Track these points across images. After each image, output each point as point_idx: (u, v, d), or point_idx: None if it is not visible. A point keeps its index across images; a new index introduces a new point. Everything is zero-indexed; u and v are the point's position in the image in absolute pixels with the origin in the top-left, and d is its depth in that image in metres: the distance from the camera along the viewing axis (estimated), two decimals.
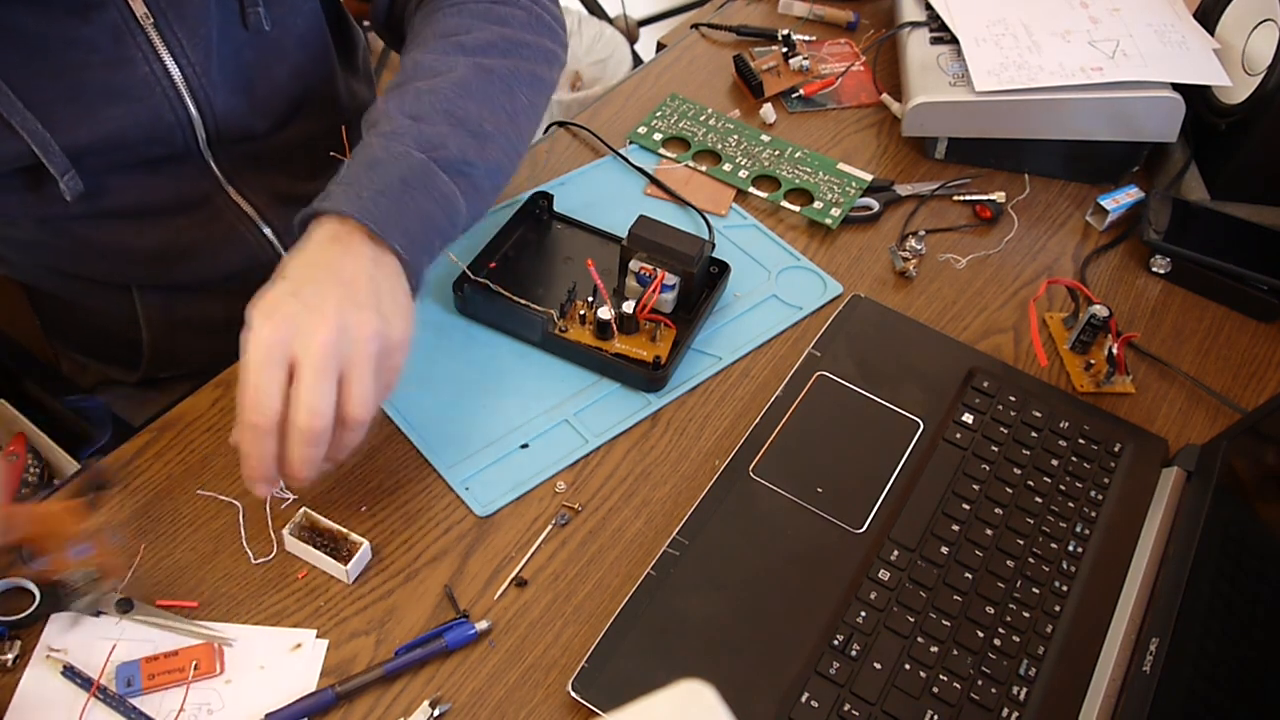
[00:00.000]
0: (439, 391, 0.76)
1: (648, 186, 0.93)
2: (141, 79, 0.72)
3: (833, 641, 0.65)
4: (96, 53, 0.69)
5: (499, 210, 0.87)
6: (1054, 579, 0.69)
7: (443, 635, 0.63)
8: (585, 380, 0.78)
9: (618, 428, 0.75)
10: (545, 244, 0.85)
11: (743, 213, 0.92)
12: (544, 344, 0.78)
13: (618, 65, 2.02)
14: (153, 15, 0.70)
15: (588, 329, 0.78)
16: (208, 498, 0.69)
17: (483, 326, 0.80)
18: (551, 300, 0.80)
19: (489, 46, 0.73)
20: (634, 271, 0.78)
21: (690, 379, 0.79)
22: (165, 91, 0.73)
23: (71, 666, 0.60)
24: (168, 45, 0.72)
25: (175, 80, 0.73)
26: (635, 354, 0.77)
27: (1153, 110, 0.92)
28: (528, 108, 0.74)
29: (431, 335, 0.79)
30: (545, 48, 0.78)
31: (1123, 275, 0.91)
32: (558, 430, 0.75)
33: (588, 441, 0.74)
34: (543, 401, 0.76)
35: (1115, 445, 0.77)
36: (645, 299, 0.77)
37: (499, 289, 0.79)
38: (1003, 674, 0.65)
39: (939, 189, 0.96)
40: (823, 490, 0.72)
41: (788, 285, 0.87)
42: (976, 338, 0.85)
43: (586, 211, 0.87)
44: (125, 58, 0.71)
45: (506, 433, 0.74)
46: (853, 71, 1.06)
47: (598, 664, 0.62)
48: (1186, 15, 0.98)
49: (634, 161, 0.94)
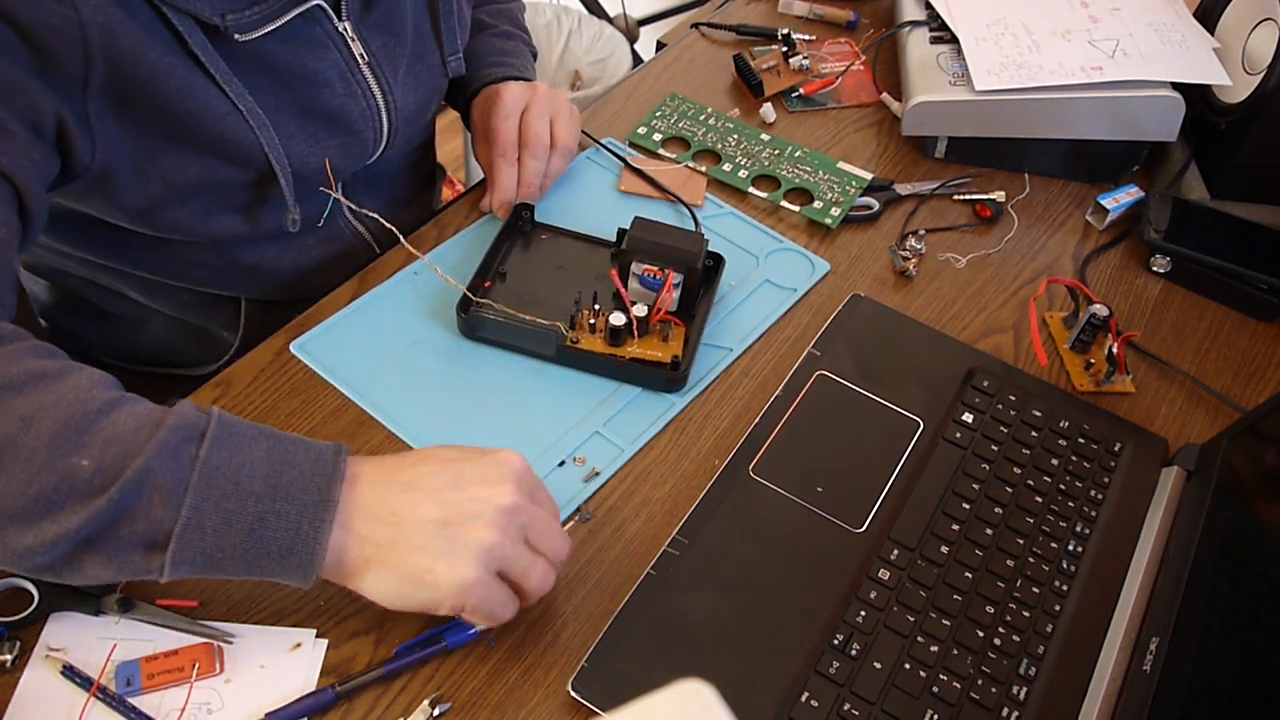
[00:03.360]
0: (463, 420, 0.74)
1: (621, 183, 0.92)
2: (359, 112, 0.78)
3: (833, 641, 0.65)
4: (327, 87, 0.75)
5: (483, 227, 0.87)
6: (1054, 578, 0.69)
7: (443, 635, 0.63)
8: (605, 388, 0.77)
9: (649, 432, 0.75)
10: (535, 256, 0.84)
11: (718, 201, 0.92)
12: (558, 357, 0.77)
13: (617, 65, 2.02)
14: (369, 56, 0.77)
15: (599, 337, 0.77)
16: None
17: (491, 347, 0.78)
18: (554, 312, 0.78)
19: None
20: (636, 274, 0.78)
21: (707, 374, 0.79)
22: (373, 122, 0.80)
23: (71, 666, 0.60)
24: (379, 82, 0.79)
25: (380, 113, 0.80)
26: (651, 356, 0.77)
27: (1153, 109, 0.92)
28: None
29: (442, 363, 0.77)
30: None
31: (1123, 275, 0.91)
32: (591, 443, 0.74)
33: (623, 451, 0.74)
34: (569, 416, 0.75)
35: (1115, 445, 0.77)
36: (660, 301, 0.77)
37: (504, 308, 0.77)
38: (1003, 673, 0.65)
39: (939, 188, 0.96)
40: (823, 490, 0.72)
41: (777, 268, 0.87)
42: (976, 337, 0.85)
43: (566, 216, 0.87)
44: (350, 93, 0.77)
45: (542, 452, 0.73)
46: (852, 71, 1.06)
47: (597, 664, 0.62)
48: (1186, 15, 0.98)
49: (615, 151, 0.95)
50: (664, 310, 0.77)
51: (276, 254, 0.85)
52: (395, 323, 0.79)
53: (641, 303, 0.77)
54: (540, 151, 0.86)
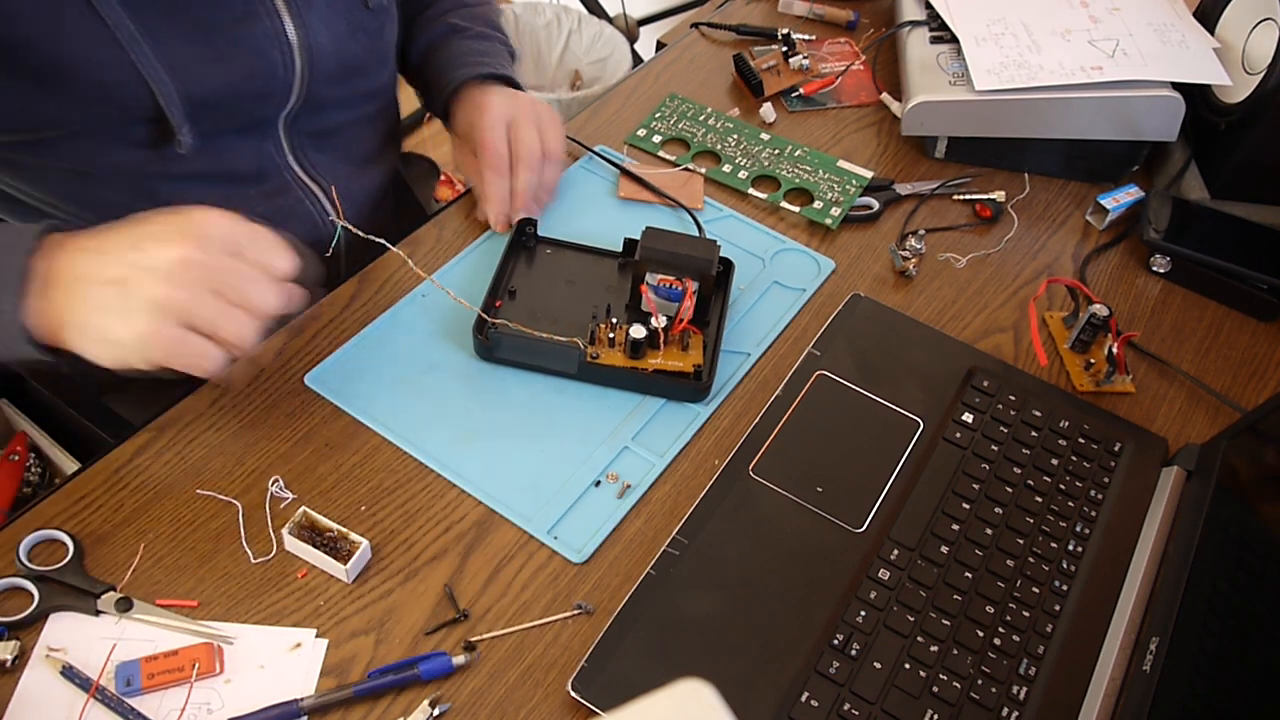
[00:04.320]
0: (490, 443, 0.73)
1: (619, 189, 0.92)
2: (264, 32, 0.76)
3: (833, 641, 0.65)
4: (227, 10, 0.73)
5: (485, 244, 0.86)
6: (1054, 578, 0.69)
7: (416, 665, 0.62)
8: (630, 402, 0.77)
9: (679, 443, 0.75)
10: (542, 271, 0.83)
11: (717, 204, 0.92)
12: (580, 374, 0.77)
13: (617, 64, 2.02)
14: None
15: (619, 350, 0.77)
16: (207, 497, 0.69)
17: (510, 368, 0.77)
18: (569, 327, 0.77)
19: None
20: (651, 285, 0.77)
21: (730, 381, 0.79)
22: (282, 46, 0.77)
23: (71, 666, 0.60)
24: (287, 4, 0.77)
25: (290, 37, 0.78)
26: (674, 367, 0.76)
27: (1153, 109, 0.92)
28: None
29: (463, 386, 0.76)
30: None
31: (1122, 274, 0.91)
32: (623, 458, 0.73)
33: (655, 464, 0.73)
34: (597, 432, 0.75)
35: (1115, 445, 0.77)
36: (681, 311, 0.76)
37: (521, 327, 0.76)
38: (1003, 673, 0.65)
39: (939, 188, 0.96)
40: (823, 490, 0.72)
41: (783, 269, 0.87)
42: (976, 337, 0.85)
43: (567, 228, 0.86)
44: (251, 12, 0.75)
45: (574, 472, 0.72)
46: (852, 70, 1.06)
47: (597, 663, 0.62)
48: (1186, 14, 0.98)
49: (608, 158, 0.94)
50: (685, 320, 0.77)
51: (216, 201, 0.81)
52: (409, 348, 0.78)
53: (659, 313, 0.77)
54: (535, 164, 0.86)
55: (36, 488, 0.89)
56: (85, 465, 0.71)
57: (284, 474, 0.70)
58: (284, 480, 0.70)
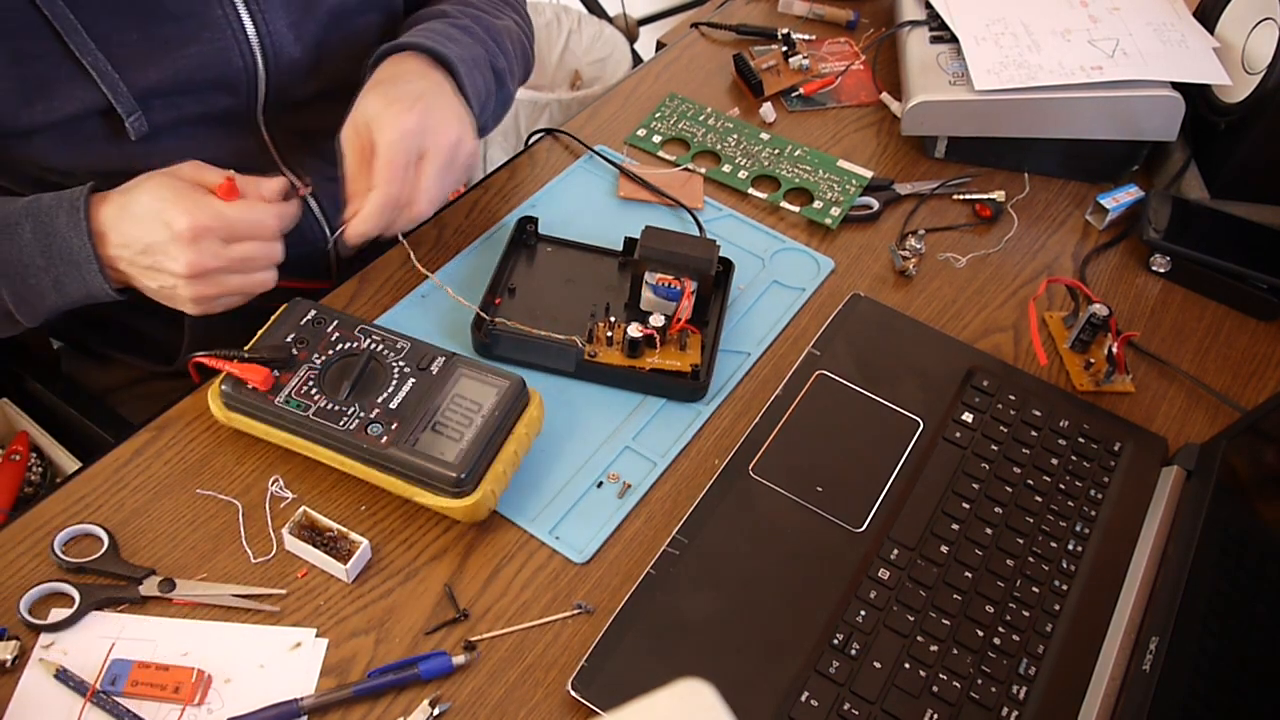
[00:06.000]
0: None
1: (619, 189, 0.92)
2: (213, 20, 0.75)
3: (833, 640, 0.65)
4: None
5: (484, 243, 0.86)
6: (1054, 578, 0.69)
7: (416, 664, 0.62)
8: (630, 401, 0.77)
9: (679, 443, 0.75)
10: (542, 270, 0.83)
11: (717, 204, 0.92)
12: (578, 372, 0.77)
13: (617, 64, 2.02)
14: None
15: (617, 349, 0.77)
16: (207, 497, 0.69)
17: (509, 366, 0.75)
18: (568, 326, 0.77)
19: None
20: (650, 284, 0.77)
21: (729, 380, 0.79)
22: (235, 34, 0.76)
23: (65, 670, 0.60)
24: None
25: (245, 26, 0.77)
26: (671, 366, 0.76)
27: (1152, 109, 0.92)
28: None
29: None
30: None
31: (1122, 274, 0.91)
32: (623, 458, 0.73)
33: (656, 464, 0.73)
34: (598, 432, 0.75)
35: (1115, 444, 0.77)
36: (679, 311, 0.76)
37: (519, 324, 0.76)
38: (1002, 673, 0.65)
39: (939, 188, 0.96)
40: (822, 489, 0.72)
41: (782, 268, 0.87)
42: (976, 336, 0.85)
43: (567, 227, 0.86)
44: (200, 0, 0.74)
45: (575, 472, 0.72)
46: (852, 70, 1.06)
47: (597, 663, 0.62)
48: (1186, 14, 0.98)
49: (608, 158, 0.94)
50: (683, 320, 0.77)
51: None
52: None
53: (657, 312, 0.77)
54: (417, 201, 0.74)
55: (38, 487, 0.89)
56: (86, 465, 0.71)
57: (284, 473, 0.70)
58: (284, 480, 0.70)
